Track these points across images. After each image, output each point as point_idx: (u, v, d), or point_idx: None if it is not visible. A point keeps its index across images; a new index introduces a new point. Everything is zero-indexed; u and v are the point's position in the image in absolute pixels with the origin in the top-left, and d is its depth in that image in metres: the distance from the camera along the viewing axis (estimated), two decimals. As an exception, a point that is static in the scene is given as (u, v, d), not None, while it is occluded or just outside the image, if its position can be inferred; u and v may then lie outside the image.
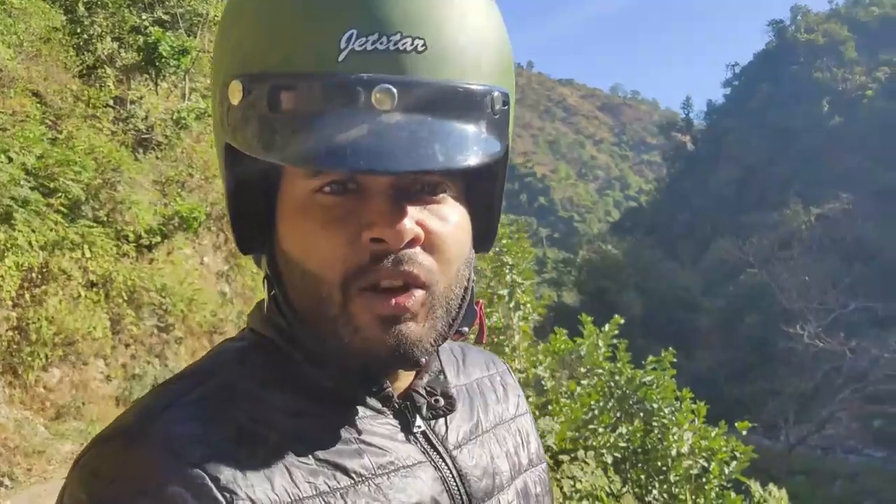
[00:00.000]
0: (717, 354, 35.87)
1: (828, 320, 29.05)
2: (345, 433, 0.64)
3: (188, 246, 12.97)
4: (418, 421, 0.69)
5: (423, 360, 0.62)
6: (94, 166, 9.03)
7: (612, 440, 5.77)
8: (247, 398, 0.62)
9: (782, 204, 47.31)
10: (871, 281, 35.56)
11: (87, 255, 8.39)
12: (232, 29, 0.59)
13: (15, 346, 7.26)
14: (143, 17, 14.00)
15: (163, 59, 13.30)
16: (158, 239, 11.12)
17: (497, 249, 6.52)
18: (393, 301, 0.59)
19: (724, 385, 30.79)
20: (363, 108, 0.52)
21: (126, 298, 9.35)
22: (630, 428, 5.92)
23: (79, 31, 11.58)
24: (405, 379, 0.71)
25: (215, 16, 16.40)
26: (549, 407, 6.06)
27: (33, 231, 7.47)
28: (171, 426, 0.58)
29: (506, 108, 0.60)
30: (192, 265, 12.84)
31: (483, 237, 0.70)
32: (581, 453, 5.53)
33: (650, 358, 6.26)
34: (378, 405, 0.68)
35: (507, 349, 6.32)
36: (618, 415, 6.12)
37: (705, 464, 5.77)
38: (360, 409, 0.66)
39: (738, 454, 5.79)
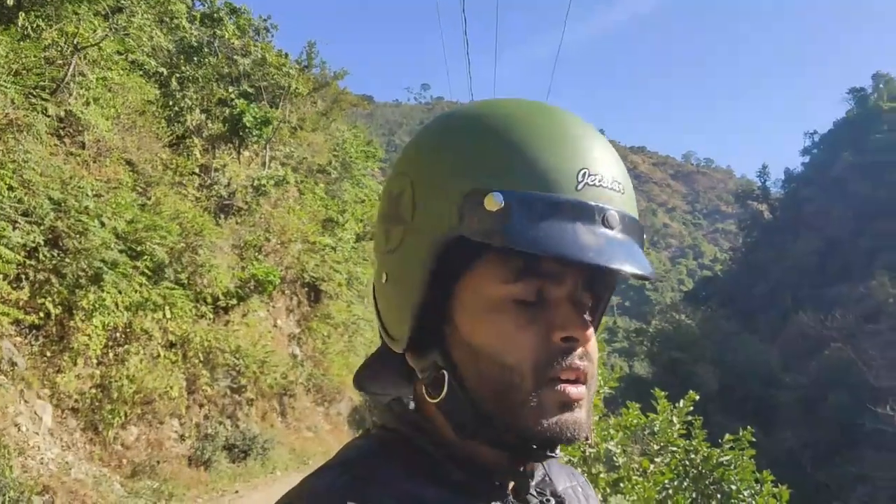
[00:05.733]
0: (800, 434, 34.04)
1: (922, 401, 27.25)
2: None
3: (263, 308, 13.28)
4: None
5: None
6: (179, 231, 9.42)
7: (687, 523, 5.51)
8: (387, 486, 0.71)
9: (868, 276, 45.32)
10: (968, 359, 33.36)
11: (168, 315, 8.69)
12: (470, 147, 0.73)
13: (97, 404, 7.51)
14: (231, 90, 14.79)
15: (246, 129, 13.97)
16: (235, 301, 11.43)
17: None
18: (573, 390, 0.70)
19: (807, 467, 29.15)
20: (598, 225, 0.69)
21: (202, 359, 9.59)
22: (707, 510, 5.65)
23: (171, 103, 12.28)
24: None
25: (296, 88, 17.20)
26: (622, 484, 5.84)
27: (120, 292, 7.79)
28: None
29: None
30: (265, 327, 13.12)
31: None
32: (655, 535, 5.30)
33: (727, 436, 5.99)
34: (499, 501, 0.75)
35: (576, 422, 6.17)
36: (694, 495, 5.84)
37: (789, 552, 5.43)
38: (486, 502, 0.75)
39: (825, 543, 5.43)
